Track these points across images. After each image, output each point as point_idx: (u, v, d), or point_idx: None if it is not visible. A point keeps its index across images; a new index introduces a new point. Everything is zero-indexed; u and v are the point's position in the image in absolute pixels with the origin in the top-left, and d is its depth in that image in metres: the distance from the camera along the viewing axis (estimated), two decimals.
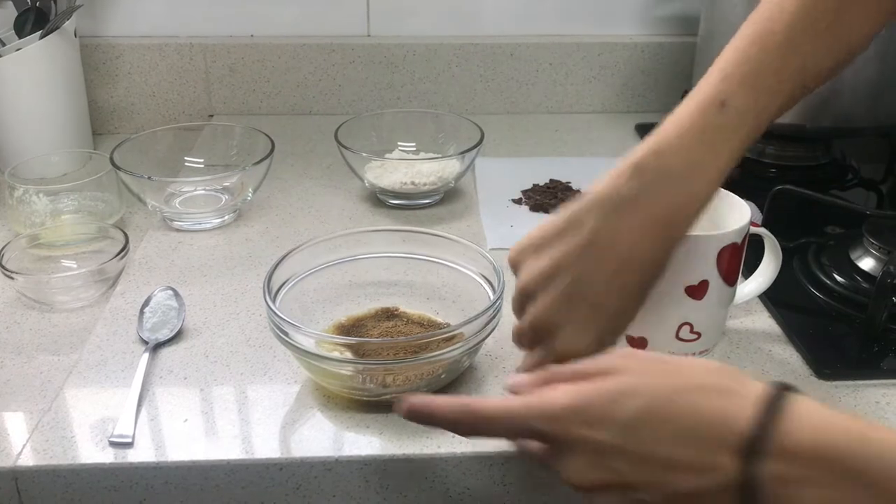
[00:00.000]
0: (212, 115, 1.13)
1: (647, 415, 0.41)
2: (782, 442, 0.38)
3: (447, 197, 0.92)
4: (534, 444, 0.45)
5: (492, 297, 0.62)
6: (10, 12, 0.97)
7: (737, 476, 0.38)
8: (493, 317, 0.60)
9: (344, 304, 0.68)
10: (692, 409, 0.40)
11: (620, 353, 0.46)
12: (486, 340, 0.61)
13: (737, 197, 0.66)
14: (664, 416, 0.40)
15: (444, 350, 0.57)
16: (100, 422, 0.59)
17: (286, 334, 0.58)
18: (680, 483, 0.40)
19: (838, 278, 0.74)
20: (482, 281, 0.65)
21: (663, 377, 0.42)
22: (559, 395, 0.43)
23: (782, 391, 0.40)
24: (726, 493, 0.39)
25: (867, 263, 0.74)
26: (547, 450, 0.45)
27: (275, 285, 0.62)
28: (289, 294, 0.64)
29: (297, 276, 0.65)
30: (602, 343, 0.52)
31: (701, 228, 0.62)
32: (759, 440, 0.38)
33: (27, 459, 0.55)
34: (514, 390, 0.47)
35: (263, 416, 0.59)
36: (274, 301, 0.60)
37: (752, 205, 0.79)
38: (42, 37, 0.94)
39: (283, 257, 0.64)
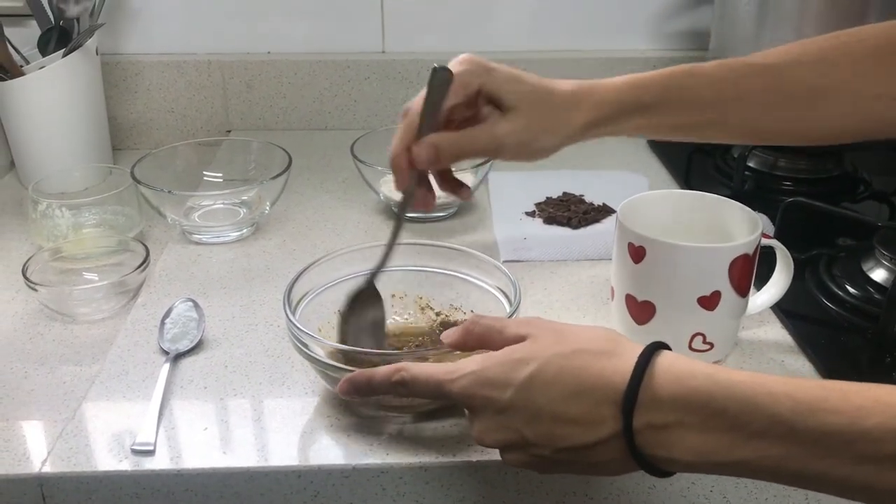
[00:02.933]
0: (229, 131, 1.15)
1: (538, 377, 0.46)
2: (652, 393, 0.44)
3: (461, 210, 0.93)
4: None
5: (508, 309, 0.63)
6: (34, 31, 1.00)
7: (618, 428, 0.44)
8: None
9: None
10: (577, 371, 0.46)
11: (524, 322, 0.52)
12: None
13: (748, 209, 0.67)
14: (552, 377, 0.46)
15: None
16: (122, 430, 0.60)
17: (305, 346, 0.59)
18: (569, 436, 0.46)
19: (850, 289, 0.75)
20: (497, 293, 0.66)
21: (554, 345, 0.48)
22: (469, 363, 0.49)
23: (653, 350, 0.45)
24: (613, 444, 0.45)
25: (879, 275, 0.75)
26: (468, 414, 0.51)
27: (294, 298, 0.63)
28: (308, 307, 0.65)
29: (315, 290, 0.66)
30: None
31: (713, 240, 0.63)
32: (632, 393, 0.44)
33: (52, 467, 0.57)
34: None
35: (282, 425, 0.60)
36: (294, 314, 0.61)
37: (765, 217, 0.80)
38: (65, 55, 0.96)
39: (302, 272, 0.65)
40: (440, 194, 0.88)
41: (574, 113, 0.66)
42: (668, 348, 0.47)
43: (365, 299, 0.63)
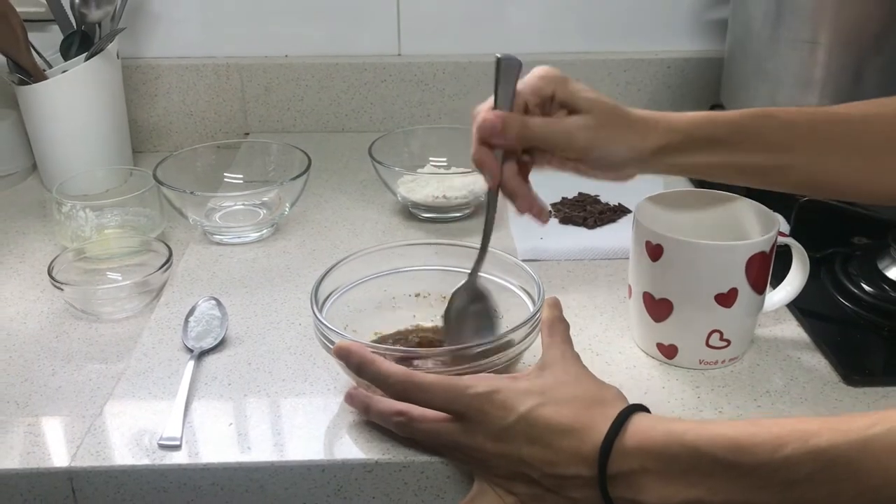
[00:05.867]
0: (247, 133, 1.16)
1: (537, 411, 0.52)
2: (621, 445, 0.50)
3: (478, 210, 0.94)
4: (442, 423, 0.55)
5: (532, 307, 0.63)
6: (57, 35, 1.01)
7: (594, 473, 0.50)
8: (534, 327, 0.62)
9: (383, 315, 0.70)
10: (571, 412, 0.52)
11: (558, 354, 0.58)
12: (525, 352, 0.63)
13: (765, 207, 0.67)
14: (550, 414, 0.52)
15: (486, 360, 0.59)
16: (148, 426, 0.61)
17: (333, 344, 0.60)
18: (557, 463, 0.51)
19: (866, 287, 0.75)
20: (520, 292, 0.67)
21: (561, 387, 0.55)
22: (488, 379, 0.55)
23: (632, 409, 0.52)
24: (589, 484, 0.50)
25: (895, 272, 0.75)
26: (459, 425, 0.54)
27: (321, 297, 0.64)
28: (332, 307, 0.66)
29: (341, 289, 0.67)
30: None
31: (729, 238, 0.64)
32: (607, 443, 0.50)
33: (81, 461, 0.58)
34: None
35: (305, 421, 0.61)
36: (320, 311, 0.62)
37: (780, 216, 0.81)
38: (87, 59, 0.97)
39: (326, 272, 0.66)
40: (459, 194, 0.90)
41: (647, 134, 0.64)
42: (647, 410, 0.53)
43: (466, 294, 0.65)
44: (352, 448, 0.59)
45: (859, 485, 0.43)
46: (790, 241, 0.68)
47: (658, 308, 0.66)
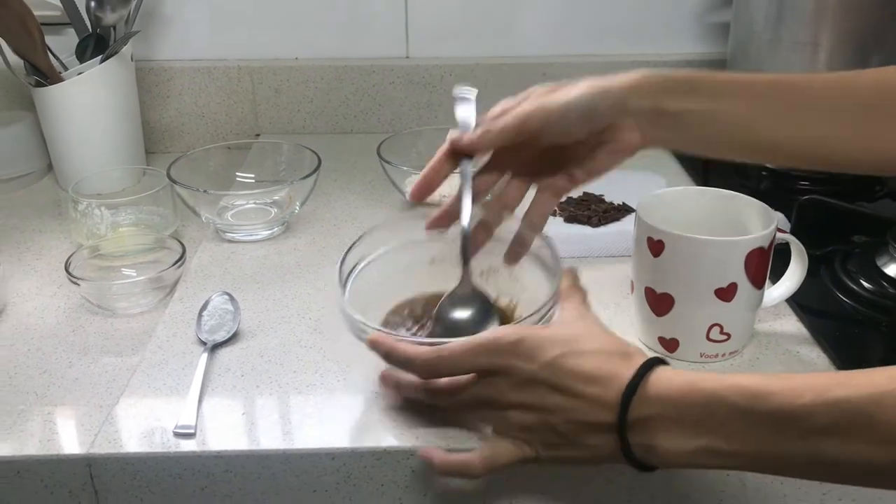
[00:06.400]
0: (258, 135, 1.18)
1: (562, 359, 0.54)
2: (644, 391, 0.51)
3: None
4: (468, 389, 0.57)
5: (551, 280, 0.65)
6: (73, 38, 1.04)
7: (615, 419, 0.52)
8: (552, 307, 0.63)
9: (403, 282, 0.71)
10: (596, 362, 0.54)
11: (577, 313, 0.60)
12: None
13: (764, 205, 0.69)
14: (575, 362, 0.54)
15: None
16: (164, 415, 0.63)
17: (358, 327, 0.61)
18: (578, 410, 0.53)
19: (865, 284, 0.76)
20: (537, 266, 0.69)
21: (585, 339, 0.56)
22: (508, 331, 0.56)
23: (655, 360, 0.53)
24: (608, 431, 0.52)
25: (893, 269, 0.77)
26: (483, 381, 0.56)
27: (343, 275, 0.66)
28: (352, 286, 0.67)
29: (360, 265, 0.69)
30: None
31: (729, 235, 0.65)
32: (629, 390, 0.51)
33: (99, 448, 0.60)
34: None
35: (315, 410, 0.63)
36: (345, 288, 0.65)
37: (781, 215, 0.82)
38: (102, 61, 1.00)
39: (348, 251, 0.68)
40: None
41: (613, 77, 0.66)
42: (667, 364, 0.54)
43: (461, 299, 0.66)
44: (361, 436, 0.60)
45: (872, 437, 0.44)
46: (789, 237, 0.69)
47: (659, 302, 0.67)
